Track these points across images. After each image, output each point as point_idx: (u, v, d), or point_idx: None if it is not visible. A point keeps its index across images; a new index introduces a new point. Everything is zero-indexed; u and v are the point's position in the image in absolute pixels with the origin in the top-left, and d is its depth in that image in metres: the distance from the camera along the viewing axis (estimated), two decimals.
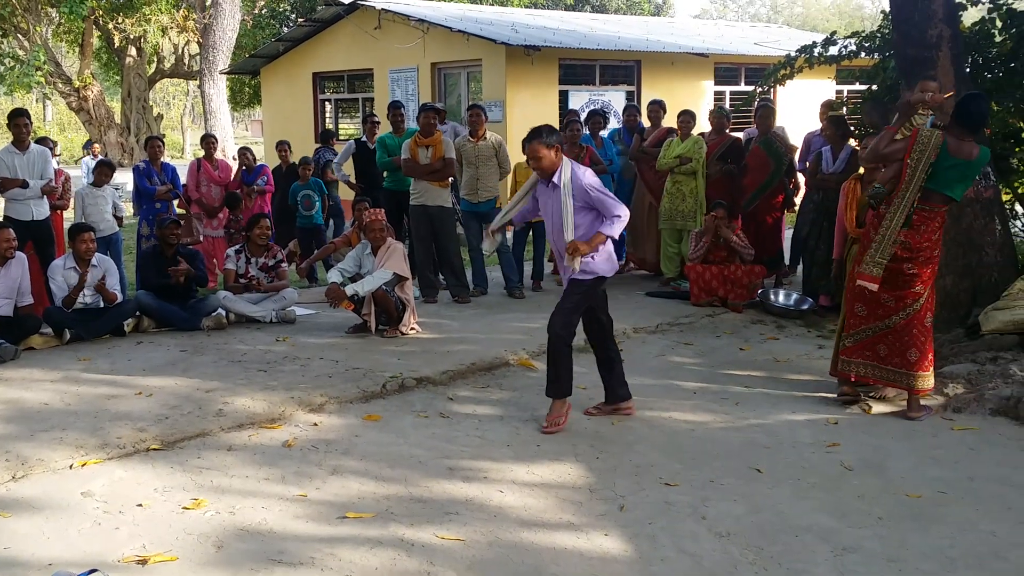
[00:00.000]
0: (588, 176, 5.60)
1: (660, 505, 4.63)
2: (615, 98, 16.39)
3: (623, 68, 16.98)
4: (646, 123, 10.67)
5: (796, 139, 10.46)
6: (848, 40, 10.22)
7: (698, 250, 8.93)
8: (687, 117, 9.77)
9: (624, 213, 5.61)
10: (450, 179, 9.31)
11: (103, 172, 9.92)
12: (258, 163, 11.51)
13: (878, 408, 6.17)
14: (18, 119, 8.49)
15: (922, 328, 6.02)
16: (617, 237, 5.71)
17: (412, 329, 7.96)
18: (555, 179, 5.58)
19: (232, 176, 11.13)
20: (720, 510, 4.57)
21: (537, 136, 5.55)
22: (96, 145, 19.82)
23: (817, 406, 6.21)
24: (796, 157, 10.14)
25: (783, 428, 5.78)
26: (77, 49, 32.76)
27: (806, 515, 4.53)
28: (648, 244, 10.49)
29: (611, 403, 6.03)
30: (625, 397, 6.03)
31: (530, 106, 15.20)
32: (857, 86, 14.89)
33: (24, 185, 8.38)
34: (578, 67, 16.41)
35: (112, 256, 9.07)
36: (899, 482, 4.96)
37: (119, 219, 9.80)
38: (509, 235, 10.24)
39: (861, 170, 7.20)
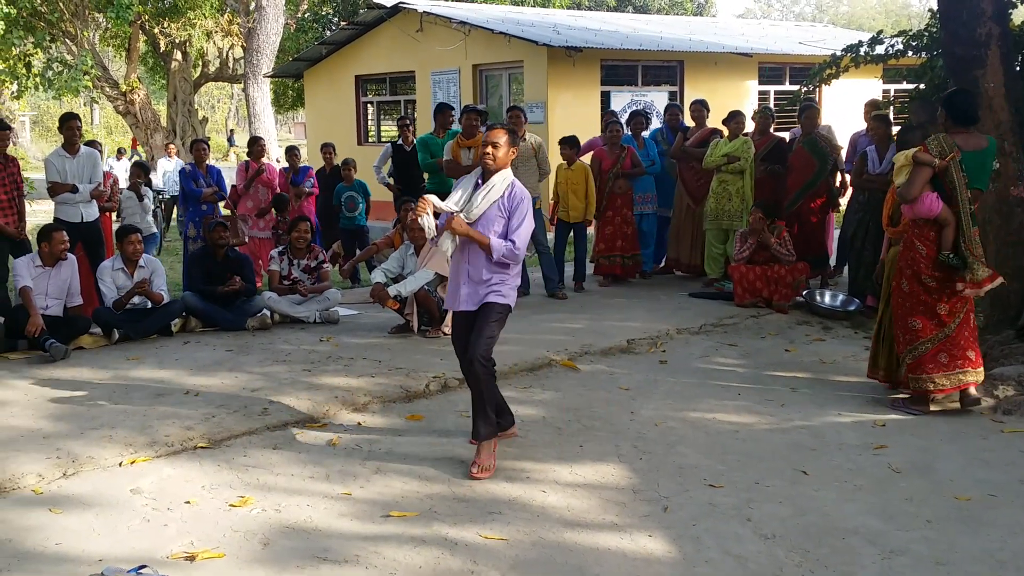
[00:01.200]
0: (527, 196, 5.14)
1: (704, 506, 4.61)
2: (658, 98, 16.33)
3: (666, 68, 16.91)
4: (689, 123, 10.62)
5: (842, 139, 10.34)
6: (895, 39, 10.10)
7: (743, 251, 8.86)
8: (740, 118, 9.69)
9: (520, 256, 5.06)
10: None
11: (136, 174, 10.08)
12: (302, 164, 11.58)
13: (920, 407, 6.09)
14: (70, 122, 8.65)
15: (972, 327, 6.06)
16: (496, 260, 5.02)
17: None
18: (493, 179, 5.07)
19: (278, 177, 11.21)
20: (765, 512, 4.54)
21: (502, 126, 5.16)
22: (171, 146, 20.13)
23: (864, 408, 6.13)
24: (843, 157, 10.03)
25: (829, 430, 5.72)
26: (124, 53, 33.21)
27: (853, 517, 4.48)
28: (684, 245, 10.44)
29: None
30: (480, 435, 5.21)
31: (572, 107, 15.20)
32: (904, 85, 14.71)
33: (74, 190, 8.53)
34: (620, 68, 16.38)
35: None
36: (948, 484, 4.89)
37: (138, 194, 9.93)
38: (551, 235, 10.27)
39: None
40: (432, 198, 5.14)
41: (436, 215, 5.18)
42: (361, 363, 7.02)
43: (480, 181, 5.14)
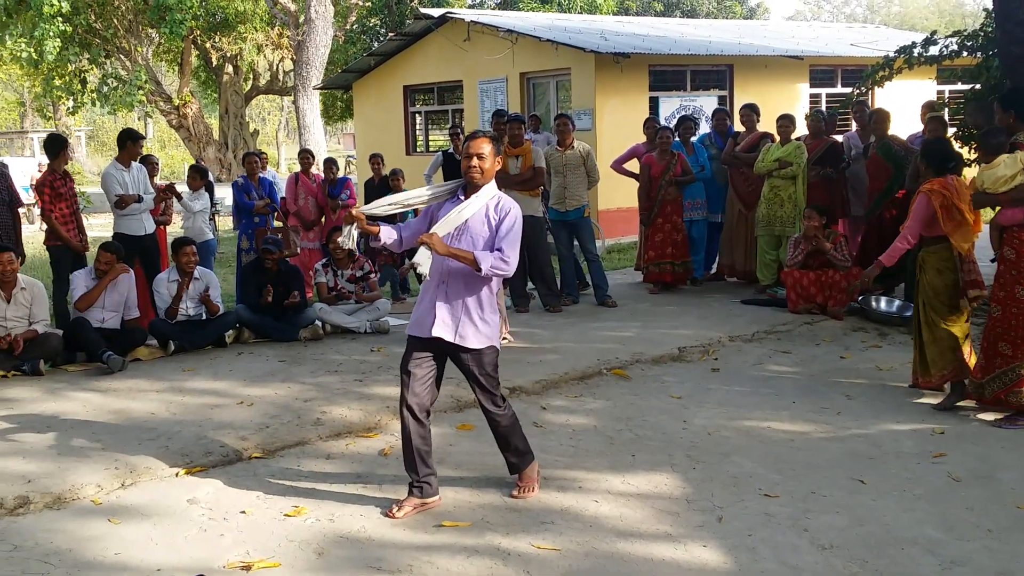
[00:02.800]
0: (516, 207, 4.68)
1: (760, 516, 4.55)
2: (707, 103, 16.22)
3: (715, 73, 16.80)
4: (738, 127, 10.53)
5: None
6: (949, 39, 9.93)
7: (796, 256, 8.75)
8: (786, 121, 9.57)
9: (510, 266, 4.58)
10: (541, 188, 9.33)
11: (193, 177, 10.21)
12: (341, 175, 11.63)
13: (984, 417, 5.96)
14: (140, 142, 8.92)
15: None
16: (485, 273, 4.53)
17: (504, 339, 7.98)
18: (481, 191, 4.63)
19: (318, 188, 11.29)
20: (822, 522, 4.47)
21: (485, 134, 4.70)
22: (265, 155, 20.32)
23: (922, 416, 6.02)
24: None
25: (887, 438, 5.62)
26: (176, 68, 33.83)
27: (912, 527, 4.40)
28: (738, 251, 10.34)
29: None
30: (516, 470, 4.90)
31: (620, 113, 15.15)
32: (959, 86, 14.46)
33: (139, 200, 8.70)
34: (668, 73, 16.30)
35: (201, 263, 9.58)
36: (1009, 493, 4.78)
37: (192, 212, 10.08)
38: (600, 243, 10.25)
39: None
40: (367, 209, 4.70)
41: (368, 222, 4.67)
42: None
43: (462, 195, 4.70)
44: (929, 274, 6.24)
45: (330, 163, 11.56)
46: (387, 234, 4.75)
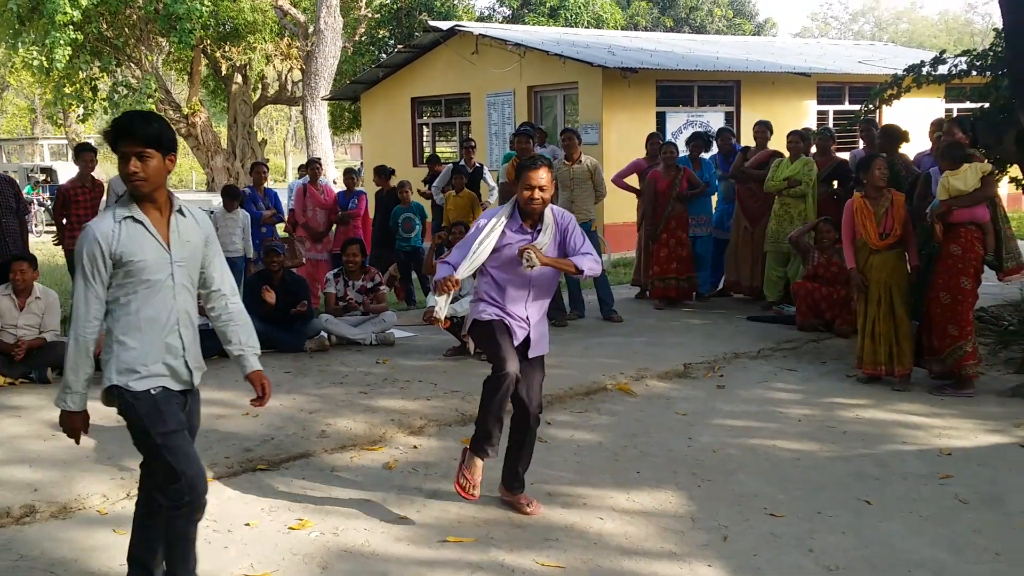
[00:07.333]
0: (565, 211, 4.83)
1: (765, 536, 4.53)
2: (714, 119, 16.25)
3: (722, 89, 16.83)
4: (748, 143, 10.52)
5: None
6: (959, 58, 9.93)
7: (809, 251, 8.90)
8: (796, 138, 9.56)
9: (599, 266, 4.81)
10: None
11: (228, 201, 10.19)
12: (357, 188, 11.63)
13: (992, 439, 5.94)
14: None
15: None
16: (585, 274, 4.76)
17: None
18: (544, 223, 4.69)
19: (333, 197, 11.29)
20: (828, 543, 4.45)
21: (546, 163, 4.67)
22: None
23: (929, 436, 6.00)
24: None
25: (893, 458, 5.60)
26: (186, 77, 33.91)
27: (919, 549, 4.38)
28: (744, 267, 10.33)
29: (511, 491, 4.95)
30: (515, 490, 4.92)
31: (626, 128, 15.18)
32: (967, 104, 14.46)
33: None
34: (675, 88, 16.33)
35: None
36: (1018, 516, 4.76)
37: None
38: (606, 257, 10.26)
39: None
40: (459, 276, 4.71)
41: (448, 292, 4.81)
42: (417, 386, 7.05)
43: (520, 221, 4.68)
44: None
45: (350, 173, 11.51)
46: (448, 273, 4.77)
